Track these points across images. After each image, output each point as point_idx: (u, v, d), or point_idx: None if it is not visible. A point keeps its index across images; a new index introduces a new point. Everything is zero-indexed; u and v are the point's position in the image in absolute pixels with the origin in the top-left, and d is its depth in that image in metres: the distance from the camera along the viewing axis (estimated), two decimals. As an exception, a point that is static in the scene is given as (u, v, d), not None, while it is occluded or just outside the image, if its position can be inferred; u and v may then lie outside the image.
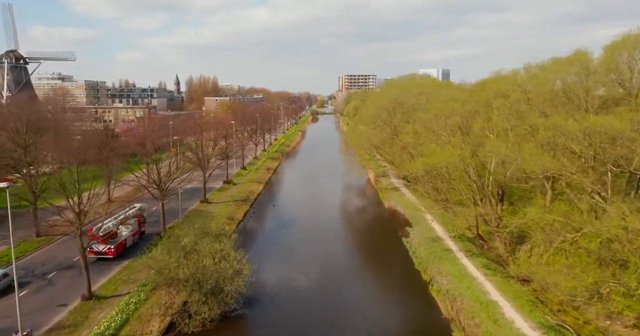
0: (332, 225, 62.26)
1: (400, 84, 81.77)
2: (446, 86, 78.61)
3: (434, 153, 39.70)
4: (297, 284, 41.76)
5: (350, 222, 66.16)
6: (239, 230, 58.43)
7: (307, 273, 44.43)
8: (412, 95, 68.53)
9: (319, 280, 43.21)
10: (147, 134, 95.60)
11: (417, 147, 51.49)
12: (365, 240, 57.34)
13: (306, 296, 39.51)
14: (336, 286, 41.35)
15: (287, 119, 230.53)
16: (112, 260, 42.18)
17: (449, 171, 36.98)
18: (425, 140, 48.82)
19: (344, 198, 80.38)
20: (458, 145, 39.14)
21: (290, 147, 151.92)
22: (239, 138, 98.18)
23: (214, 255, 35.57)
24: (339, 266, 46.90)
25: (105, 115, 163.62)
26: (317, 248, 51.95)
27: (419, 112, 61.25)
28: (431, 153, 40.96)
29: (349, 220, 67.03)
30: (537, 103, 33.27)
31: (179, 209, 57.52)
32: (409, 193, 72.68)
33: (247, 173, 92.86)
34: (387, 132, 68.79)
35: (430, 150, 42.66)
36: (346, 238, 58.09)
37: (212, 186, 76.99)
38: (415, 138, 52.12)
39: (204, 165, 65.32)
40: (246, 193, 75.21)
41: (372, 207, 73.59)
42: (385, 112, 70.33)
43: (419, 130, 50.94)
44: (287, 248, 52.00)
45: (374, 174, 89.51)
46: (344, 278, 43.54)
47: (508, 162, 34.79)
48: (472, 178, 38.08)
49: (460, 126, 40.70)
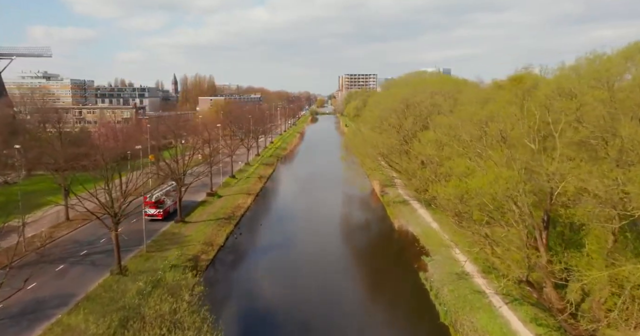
0: (332, 252, 51.46)
1: (413, 81, 70.78)
2: (464, 84, 67.86)
3: (473, 173, 29.15)
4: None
5: (354, 247, 55.22)
6: (217, 260, 47.77)
7: (301, 326, 33.79)
8: (426, 94, 57.75)
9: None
10: (123, 138, 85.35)
11: (441, 162, 40.64)
12: (373, 275, 46.34)
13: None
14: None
15: (285, 120, 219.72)
16: (160, 221, 54.70)
17: (495, 198, 26.32)
18: (452, 153, 38.06)
19: (346, 214, 69.62)
20: (503, 162, 28.50)
21: (286, 151, 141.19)
22: (228, 143, 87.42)
23: (162, 321, 24.96)
24: (342, 317, 36.07)
25: (89, 116, 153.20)
26: (312, 286, 41.28)
27: (436, 115, 50.70)
28: (466, 172, 30.36)
29: (352, 244, 56.11)
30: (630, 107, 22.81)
31: (145, 234, 46.73)
32: (422, 210, 62.02)
33: (235, 183, 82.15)
34: (396, 138, 58.02)
35: (462, 168, 31.95)
36: (349, 270, 47.28)
37: (193, 200, 66.40)
38: (438, 149, 41.20)
39: (178, 178, 54.66)
40: (232, 209, 64.48)
41: (378, 226, 62.88)
42: (394, 114, 59.60)
43: (442, 138, 40.11)
44: (275, 291, 41.12)
45: (380, 184, 78.76)
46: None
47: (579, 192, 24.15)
48: (522, 209, 27.43)
49: (504, 136, 30.07)
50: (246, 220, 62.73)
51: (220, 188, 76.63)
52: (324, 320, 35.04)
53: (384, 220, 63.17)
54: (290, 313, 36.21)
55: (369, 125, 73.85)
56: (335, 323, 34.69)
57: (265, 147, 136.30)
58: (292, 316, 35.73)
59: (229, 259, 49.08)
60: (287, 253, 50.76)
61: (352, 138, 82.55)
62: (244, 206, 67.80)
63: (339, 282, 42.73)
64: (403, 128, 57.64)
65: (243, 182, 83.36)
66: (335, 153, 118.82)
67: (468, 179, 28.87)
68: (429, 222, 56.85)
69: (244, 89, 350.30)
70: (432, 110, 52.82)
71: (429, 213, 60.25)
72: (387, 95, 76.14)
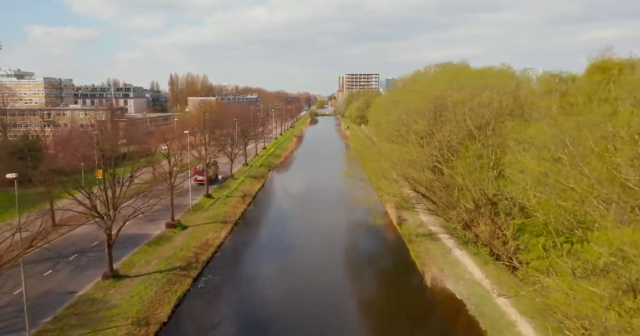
0: (340, 329, 33.50)
1: (449, 73, 52.09)
2: (511, 76, 49.72)
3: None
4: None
5: (369, 317, 37.19)
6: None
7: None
8: (472, 90, 39.69)
9: None
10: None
11: (538, 203, 22.41)
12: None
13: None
14: None
15: (282, 122, 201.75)
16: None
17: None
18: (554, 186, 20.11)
19: (354, 255, 51.28)
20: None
21: (281, 158, 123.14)
22: (202, 155, 69.38)
23: None
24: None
25: (59, 118, 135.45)
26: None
27: (501, 121, 33.06)
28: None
29: (367, 313, 38.02)
30: None
31: (59, 295, 28.84)
32: (460, 251, 44.25)
33: (210, 205, 64.16)
34: (425, 152, 40.10)
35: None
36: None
37: (145, 233, 48.73)
38: (536, 187, 22.63)
39: (106, 215, 36.66)
40: (195, 250, 46.48)
41: (401, 279, 44.26)
42: (423, 120, 41.63)
43: (540, 162, 21.86)
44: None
45: (394, 206, 60.54)
46: None
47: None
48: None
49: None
50: (212, 271, 44.25)
51: (187, 214, 58.74)
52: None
53: (407, 267, 45.02)
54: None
55: (384, 133, 55.11)
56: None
57: (257, 154, 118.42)
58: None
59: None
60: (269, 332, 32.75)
61: (363, 151, 64.10)
62: (213, 243, 49.70)
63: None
64: (441, 143, 39.72)
65: (220, 204, 65.35)
66: (337, 160, 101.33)
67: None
68: (477, 277, 38.98)
69: (241, 89, 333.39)
70: (495, 113, 34.80)
71: (472, 260, 42.44)
72: (407, 93, 57.85)
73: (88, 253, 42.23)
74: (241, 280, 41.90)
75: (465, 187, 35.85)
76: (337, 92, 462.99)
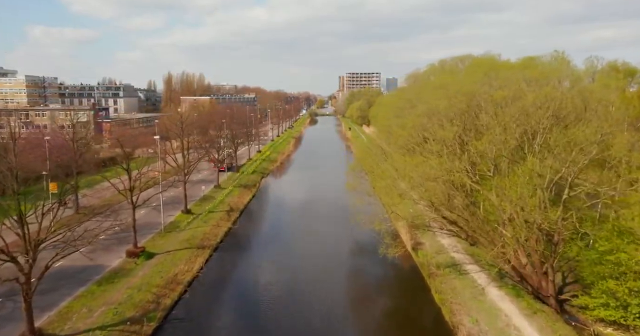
0: None
1: (485, 63, 41.77)
2: (551, 69, 39.66)
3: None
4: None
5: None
6: None
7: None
8: (515, 83, 29.57)
9: None
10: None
11: None
12: None
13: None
14: None
15: (279, 123, 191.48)
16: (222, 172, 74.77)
17: None
18: None
19: (360, 294, 40.74)
20: None
21: (276, 163, 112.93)
22: (180, 164, 59.17)
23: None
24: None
25: (38, 119, 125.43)
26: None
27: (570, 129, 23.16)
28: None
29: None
30: None
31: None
32: (497, 290, 34.21)
33: (188, 224, 53.96)
34: (458, 172, 29.98)
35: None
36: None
37: (98, 266, 38.79)
38: None
39: (24, 258, 26.57)
40: (157, 290, 36.25)
41: (421, 328, 34.19)
42: (452, 125, 31.41)
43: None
44: None
45: (407, 226, 50.31)
46: None
47: None
48: None
49: None
50: (180, 315, 34.15)
51: (158, 236, 48.67)
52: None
53: (431, 318, 34.66)
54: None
55: (397, 140, 44.19)
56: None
57: (250, 158, 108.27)
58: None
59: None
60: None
61: (369, 160, 53.58)
62: (182, 279, 39.39)
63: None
64: (470, 151, 29.56)
65: (200, 222, 55.19)
66: (338, 165, 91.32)
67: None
68: (525, 331, 28.93)
69: (239, 89, 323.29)
70: (553, 117, 24.80)
71: (514, 305, 32.42)
72: (422, 91, 47.47)
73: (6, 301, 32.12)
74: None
75: (517, 215, 25.79)
76: (338, 91, 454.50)
